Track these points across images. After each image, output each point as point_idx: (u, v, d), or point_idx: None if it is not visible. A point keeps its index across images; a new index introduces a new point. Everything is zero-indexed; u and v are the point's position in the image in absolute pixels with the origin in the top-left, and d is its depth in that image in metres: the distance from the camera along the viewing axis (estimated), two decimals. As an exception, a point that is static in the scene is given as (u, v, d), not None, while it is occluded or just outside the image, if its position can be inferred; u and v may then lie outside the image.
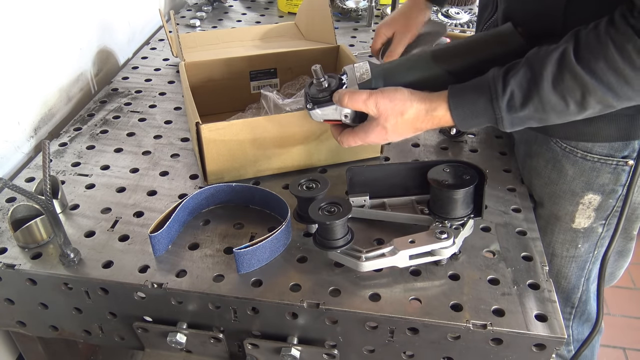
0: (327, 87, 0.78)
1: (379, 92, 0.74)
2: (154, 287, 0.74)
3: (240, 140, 0.88)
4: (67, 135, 1.05)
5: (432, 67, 0.77)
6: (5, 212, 0.85)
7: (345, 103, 0.75)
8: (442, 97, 0.72)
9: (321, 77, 0.78)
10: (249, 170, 0.93)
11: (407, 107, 0.73)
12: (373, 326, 0.72)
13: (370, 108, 0.74)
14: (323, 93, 0.78)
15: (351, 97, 0.75)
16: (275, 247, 0.78)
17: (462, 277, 0.76)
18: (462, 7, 1.60)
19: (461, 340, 0.71)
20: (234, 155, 0.89)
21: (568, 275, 0.97)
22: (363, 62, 0.80)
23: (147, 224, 0.83)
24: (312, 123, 0.88)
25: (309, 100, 0.80)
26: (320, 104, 0.79)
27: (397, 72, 0.78)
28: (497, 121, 0.70)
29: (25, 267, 0.76)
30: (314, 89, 0.79)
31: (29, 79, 1.03)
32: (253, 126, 0.88)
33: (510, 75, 0.68)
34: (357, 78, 0.78)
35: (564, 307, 1.01)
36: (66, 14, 1.12)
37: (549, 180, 0.89)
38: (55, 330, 0.86)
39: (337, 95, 0.77)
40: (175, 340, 0.77)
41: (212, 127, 0.85)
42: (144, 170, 0.96)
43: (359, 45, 1.42)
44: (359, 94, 0.75)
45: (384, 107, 0.73)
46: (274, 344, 0.76)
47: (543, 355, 0.70)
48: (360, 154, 0.98)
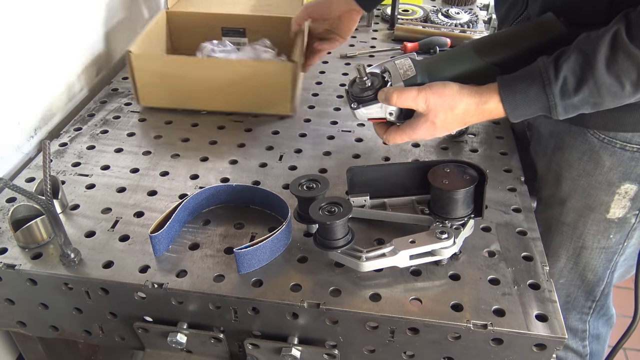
0: (370, 86, 0.78)
1: (428, 88, 0.74)
2: (155, 287, 0.74)
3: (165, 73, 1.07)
4: (67, 135, 1.05)
5: (476, 59, 0.77)
6: (6, 212, 0.85)
7: (394, 102, 0.75)
8: (491, 89, 0.72)
9: (364, 75, 0.77)
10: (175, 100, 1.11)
11: (457, 101, 0.73)
12: (373, 326, 0.72)
13: (419, 105, 0.74)
14: (367, 92, 0.78)
15: (400, 95, 0.74)
16: (276, 247, 0.78)
17: (462, 277, 0.76)
18: (462, 7, 1.60)
19: (461, 340, 0.71)
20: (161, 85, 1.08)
21: (596, 267, 0.97)
22: (404, 58, 0.79)
23: (147, 224, 0.83)
24: (227, 71, 1.04)
25: (353, 100, 0.79)
26: (364, 102, 0.78)
27: (441, 67, 0.78)
28: (550, 109, 0.70)
29: (26, 267, 0.76)
30: (357, 87, 0.79)
31: (29, 79, 1.03)
32: (177, 63, 1.06)
33: (562, 61, 0.68)
34: (400, 75, 0.77)
35: (584, 302, 1.02)
36: (66, 14, 1.11)
37: (584, 172, 0.89)
38: (56, 330, 0.86)
39: (383, 93, 0.76)
40: (176, 341, 0.77)
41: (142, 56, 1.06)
42: (144, 170, 0.96)
43: (359, 45, 1.42)
44: (408, 91, 0.74)
45: (433, 103, 0.73)
46: (274, 344, 0.76)
47: (543, 355, 0.70)
48: (268, 109, 1.10)
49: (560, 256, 0.99)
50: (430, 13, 1.56)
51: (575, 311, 1.05)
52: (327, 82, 1.25)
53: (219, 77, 1.06)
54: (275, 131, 1.07)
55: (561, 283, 1.02)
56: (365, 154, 1.00)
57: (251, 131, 1.07)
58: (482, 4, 1.68)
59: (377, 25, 1.54)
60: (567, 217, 0.92)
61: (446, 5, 1.64)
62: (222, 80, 1.06)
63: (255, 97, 1.08)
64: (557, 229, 0.97)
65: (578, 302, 1.04)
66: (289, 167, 0.97)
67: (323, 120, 1.11)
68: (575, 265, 0.98)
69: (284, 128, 1.08)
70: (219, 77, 1.06)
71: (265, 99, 1.08)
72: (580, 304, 1.04)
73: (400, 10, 1.56)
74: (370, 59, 1.35)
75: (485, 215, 0.82)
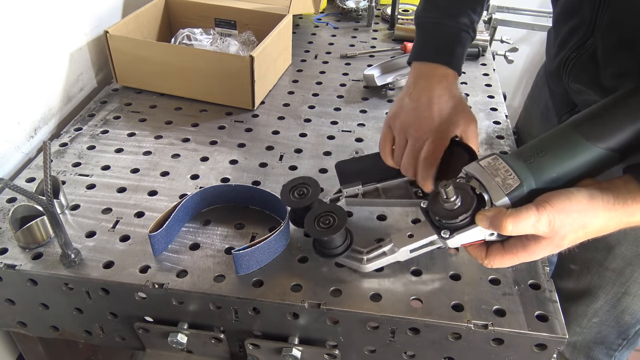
0: (460, 206, 0.60)
1: (548, 205, 0.55)
2: (155, 287, 0.74)
3: (137, 55, 1.14)
4: (67, 135, 1.05)
5: (589, 147, 0.58)
6: (6, 213, 0.85)
7: (509, 230, 0.56)
8: (634, 191, 0.55)
9: (452, 196, 0.59)
10: (145, 82, 1.18)
11: (590, 218, 0.56)
12: (374, 326, 0.72)
13: (541, 230, 0.56)
14: (461, 216, 0.59)
15: (515, 222, 0.55)
16: (274, 248, 0.78)
17: (463, 277, 0.76)
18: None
19: (462, 340, 0.71)
20: (133, 66, 1.16)
21: (635, 312, 0.93)
22: (492, 158, 0.60)
23: (147, 224, 0.83)
24: (189, 59, 1.10)
25: (444, 227, 0.61)
26: (459, 229, 0.61)
27: (551, 166, 0.59)
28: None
29: (26, 268, 0.76)
30: (442, 210, 0.61)
31: (29, 78, 1.03)
32: (146, 46, 1.13)
33: None
34: (499, 185, 0.58)
35: (615, 340, 0.98)
36: (67, 14, 1.11)
37: None
38: (56, 330, 0.86)
39: (486, 219, 0.58)
40: (176, 341, 0.77)
41: (118, 37, 1.13)
42: (145, 170, 0.96)
43: (359, 45, 1.42)
44: (524, 215, 0.55)
45: (559, 224, 0.56)
46: (275, 344, 0.76)
47: (544, 355, 0.70)
48: (229, 101, 1.14)
49: (598, 298, 0.93)
50: (430, 13, 1.55)
51: (603, 346, 1.01)
52: (327, 82, 1.25)
53: (181, 64, 1.12)
54: (275, 131, 1.07)
55: (594, 322, 0.97)
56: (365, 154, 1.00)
57: (251, 131, 1.07)
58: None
59: (377, 25, 1.54)
60: (612, 263, 0.86)
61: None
62: (186, 67, 1.12)
63: (216, 88, 1.13)
64: (598, 272, 0.91)
65: (608, 339, 0.99)
66: (289, 167, 0.97)
67: (323, 120, 1.11)
68: (613, 308, 0.94)
69: (284, 128, 1.08)
70: (182, 64, 1.11)
71: (227, 91, 1.13)
72: (610, 341, 0.99)
73: (400, 10, 1.56)
74: (371, 59, 1.36)
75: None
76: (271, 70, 1.19)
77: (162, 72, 1.14)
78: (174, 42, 1.26)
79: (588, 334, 0.99)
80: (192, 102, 1.15)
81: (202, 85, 1.13)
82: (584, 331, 0.99)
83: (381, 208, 0.87)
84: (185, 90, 1.16)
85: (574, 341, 1.02)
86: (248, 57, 1.05)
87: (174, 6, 1.35)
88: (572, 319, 0.99)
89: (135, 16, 1.22)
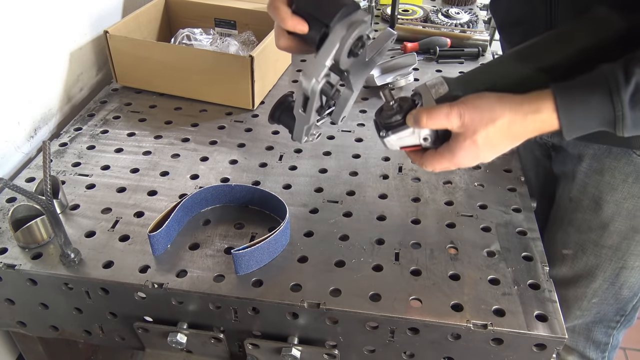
0: (399, 110, 0.68)
1: (460, 102, 0.63)
2: (155, 287, 0.74)
3: (137, 55, 1.14)
4: (67, 135, 1.05)
5: (519, 67, 0.65)
6: (6, 212, 0.85)
7: (424, 123, 0.64)
8: (543, 96, 0.60)
9: (391, 99, 0.68)
10: (145, 81, 1.18)
11: (497, 112, 0.61)
12: (373, 326, 0.72)
13: (453, 123, 0.63)
14: (396, 117, 0.68)
15: (430, 114, 0.63)
16: (274, 248, 0.78)
17: (462, 277, 0.76)
18: (462, 7, 1.60)
19: (462, 340, 0.71)
20: (133, 66, 1.16)
21: (633, 285, 0.94)
22: (436, 78, 0.69)
23: (147, 224, 0.83)
24: (189, 59, 1.09)
25: (381, 127, 0.70)
26: (393, 129, 0.69)
27: (478, 80, 0.67)
28: (616, 121, 0.59)
29: (26, 267, 0.76)
30: (385, 114, 0.69)
31: (29, 78, 1.03)
32: (145, 46, 1.13)
33: (634, 64, 0.57)
34: (432, 94, 0.67)
35: (613, 317, 0.99)
36: (66, 14, 1.11)
37: (629, 194, 0.84)
38: (56, 330, 0.86)
39: (411, 116, 0.66)
40: (176, 341, 0.77)
41: (117, 37, 1.13)
42: (144, 170, 0.96)
43: (359, 45, 1.42)
44: (438, 109, 0.63)
45: (469, 118, 0.62)
46: (274, 344, 0.76)
47: (544, 355, 0.70)
48: (229, 101, 1.14)
49: (596, 277, 0.94)
50: (430, 13, 1.56)
51: (602, 324, 1.02)
52: (327, 82, 1.25)
53: (181, 64, 1.12)
54: (275, 131, 1.07)
55: (594, 302, 0.98)
56: (365, 153, 1.00)
57: (251, 131, 1.07)
58: (482, 4, 1.68)
59: (377, 25, 1.54)
60: (608, 240, 0.87)
61: (446, 5, 1.63)
62: (186, 67, 1.12)
63: (216, 88, 1.13)
64: (594, 252, 0.92)
65: (607, 316, 1.00)
66: (289, 167, 0.97)
67: (323, 120, 1.10)
68: (611, 285, 0.94)
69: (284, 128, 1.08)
70: (182, 64, 1.12)
71: (226, 91, 1.13)
72: (609, 318, 1.01)
73: (400, 10, 1.56)
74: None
75: (485, 216, 0.82)
76: (271, 70, 1.19)
77: (162, 72, 1.14)
78: (174, 42, 1.26)
79: (588, 316, 1.00)
80: (192, 102, 1.16)
81: (202, 85, 1.13)
82: (585, 313, 1.00)
83: (381, 208, 0.87)
84: (185, 90, 1.16)
85: (573, 325, 1.03)
86: (248, 57, 1.05)
87: (173, 6, 1.35)
88: (572, 303, 0.99)
89: (135, 16, 1.22)
